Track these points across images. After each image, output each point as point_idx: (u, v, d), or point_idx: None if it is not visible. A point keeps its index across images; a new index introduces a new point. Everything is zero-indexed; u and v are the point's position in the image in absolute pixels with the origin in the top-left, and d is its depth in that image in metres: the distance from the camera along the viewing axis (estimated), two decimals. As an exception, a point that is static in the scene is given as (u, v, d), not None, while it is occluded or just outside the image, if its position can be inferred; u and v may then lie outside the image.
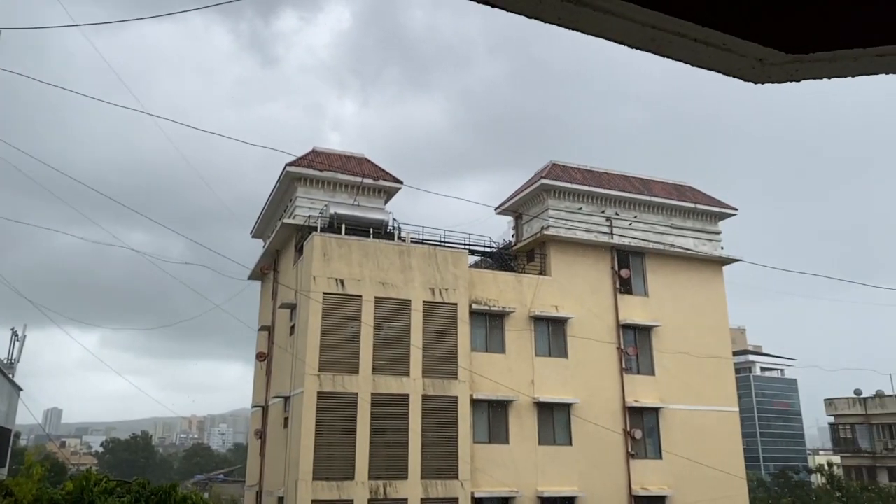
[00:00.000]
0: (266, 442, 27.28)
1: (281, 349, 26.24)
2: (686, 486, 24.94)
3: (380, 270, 23.33)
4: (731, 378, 27.89)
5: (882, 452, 43.87)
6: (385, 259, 23.55)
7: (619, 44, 1.57)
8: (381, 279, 23.24)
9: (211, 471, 78.45)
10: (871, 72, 1.73)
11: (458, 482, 22.14)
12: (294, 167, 24.83)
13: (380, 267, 23.38)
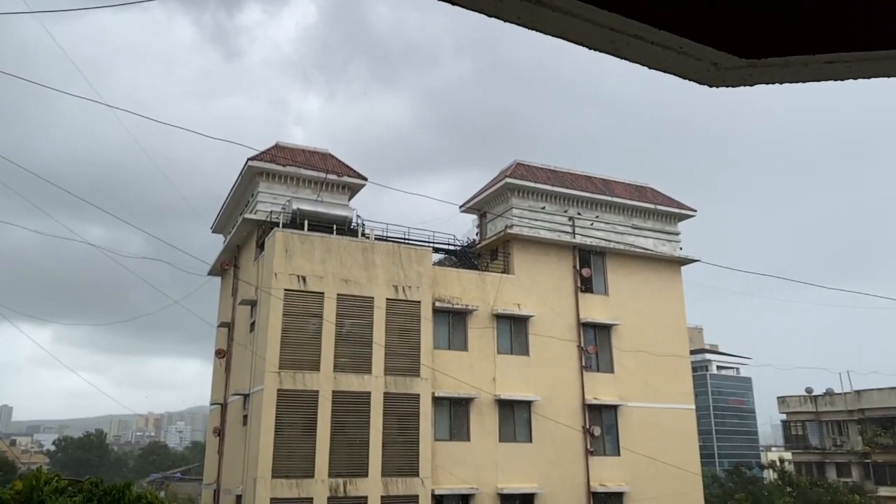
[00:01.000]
0: (225, 440, 26.91)
1: (241, 346, 25.90)
2: (643, 482, 25.37)
3: (343, 267, 23.19)
4: (688, 376, 28.46)
5: (831, 449, 45.25)
6: (348, 256, 23.42)
7: (578, 45, 1.59)
8: (343, 276, 23.10)
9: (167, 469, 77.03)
10: (820, 78, 1.78)
11: (419, 480, 22.15)
12: (256, 162, 24.52)
13: (343, 264, 23.23)
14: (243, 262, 27.51)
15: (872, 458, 41.65)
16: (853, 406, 44.24)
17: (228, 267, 29.10)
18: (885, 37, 1.61)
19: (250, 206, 25.49)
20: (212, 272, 30.53)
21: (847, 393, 45.38)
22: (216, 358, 29.26)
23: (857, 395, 44.41)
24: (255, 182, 25.04)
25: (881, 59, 1.68)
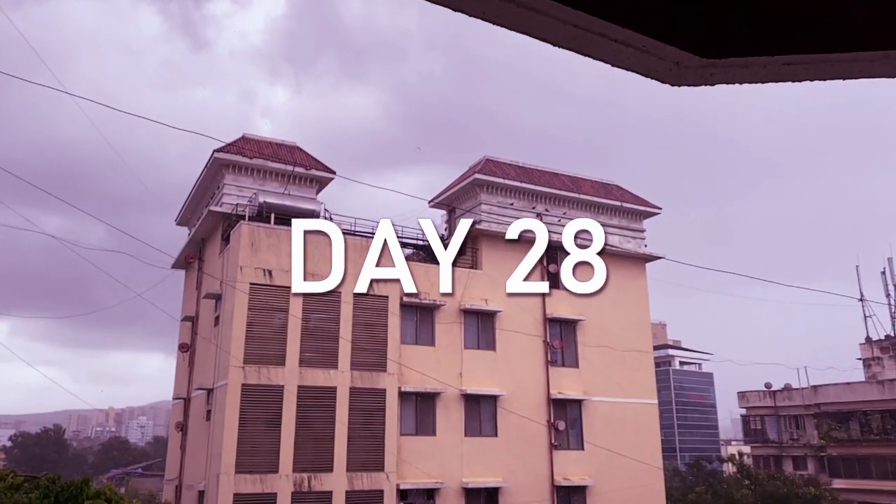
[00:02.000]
0: (187, 435, 26.55)
1: (205, 340, 25.55)
2: (606, 475, 25.72)
3: (309, 262, 22.96)
4: (651, 371, 28.90)
5: (788, 442, 46.40)
6: (315, 250, 23.21)
7: (543, 41, 1.60)
8: (310, 270, 22.89)
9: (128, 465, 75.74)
10: (779, 79, 1.81)
11: (384, 474, 22.14)
12: (222, 154, 24.18)
13: (309, 258, 22.99)
14: (208, 256, 27.13)
15: (827, 452, 42.83)
16: (810, 401, 45.40)
17: (193, 260, 28.68)
18: (841, 40, 1.65)
19: (216, 199, 25.14)
20: (176, 265, 30.05)
21: (804, 388, 46.56)
22: (179, 352, 28.84)
23: (814, 390, 45.59)
24: (221, 174, 24.70)
25: (837, 61, 1.72)
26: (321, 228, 8.64)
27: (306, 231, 23.64)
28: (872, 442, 40.98)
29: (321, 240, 24.46)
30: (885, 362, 45.23)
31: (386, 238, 7.48)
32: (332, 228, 7.44)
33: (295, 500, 20.92)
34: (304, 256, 23.03)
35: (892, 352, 45.28)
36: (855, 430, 42.41)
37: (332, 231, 7.52)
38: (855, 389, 43.70)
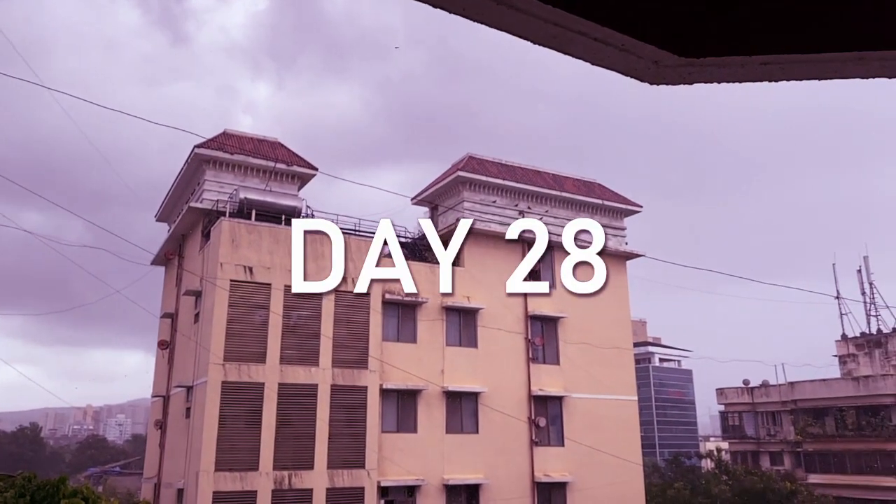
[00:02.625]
0: (166, 433, 26.32)
1: (184, 337, 25.33)
2: (586, 472, 25.89)
3: (291, 259, 22.89)
4: (631, 368, 29.13)
5: (765, 438, 47.01)
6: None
7: (523, 39, 1.61)
8: (291, 267, 22.81)
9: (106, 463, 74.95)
10: (756, 79, 1.84)
11: (365, 471, 22.11)
12: (203, 149, 23.97)
13: (291, 255, 22.93)
14: (188, 252, 26.90)
15: (803, 447, 43.45)
16: (787, 397, 46.01)
17: (173, 257, 28.41)
18: (816, 41, 1.67)
19: (196, 195, 24.92)
20: (155, 262, 29.76)
21: (781, 385, 47.16)
22: (159, 349, 28.57)
23: (791, 386, 46.20)
24: (202, 170, 24.48)
25: (812, 62, 1.75)
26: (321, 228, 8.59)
27: (290, 228, 23.61)
28: (847, 437, 41.63)
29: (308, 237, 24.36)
30: (860, 359, 45.95)
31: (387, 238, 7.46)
32: (332, 229, 7.39)
33: (275, 497, 20.84)
34: (291, 254, 22.93)
35: (867, 349, 46.01)
36: (830, 425, 43.05)
37: (332, 231, 7.47)
38: (831, 386, 44.36)
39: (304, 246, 23.24)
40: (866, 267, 48.14)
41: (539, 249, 7.37)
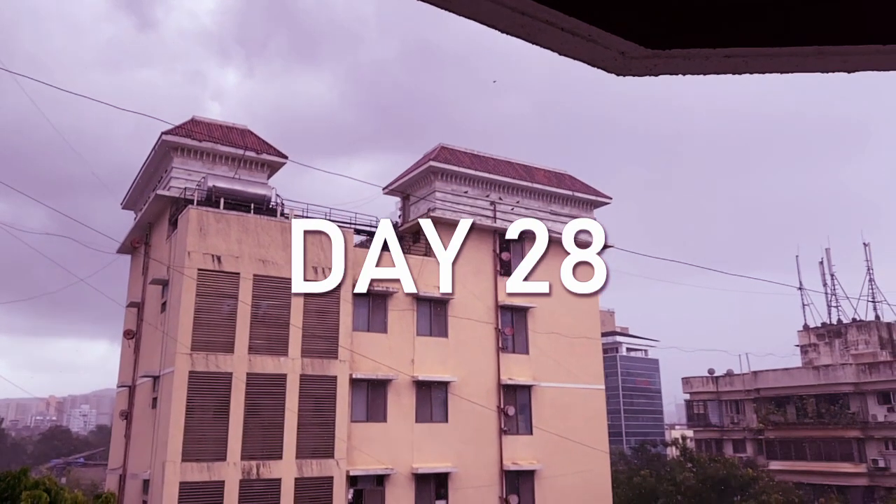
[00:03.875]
0: (132, 423, 25.97)
1: (151, 327, 24.98)
2: (554, 459, 26.20)
3: (260, 247, 22.69)
4: (599, 358, 29.49)
5: (729, 426, 48.01)
6: (266, 236, 22.92)
7: (492, 27, 1.61)
8: (261, 256, 22.61)
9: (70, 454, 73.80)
10: (720, 71, 1.87)
11: (334, 461, 22.10)
12: (171, 136, 23.58)
13: (260, 244, 22.73)
14: (155, 240, 26.48)
15: (765, 435, 44.49)
16: (750, 386, 47.00)
17: (139, 245, 27.95)
18: (778, 34, 1.71)
19: (163, 182, 24.52)
20: (121, 250, 29.24)
21: (745, 374, 48.16)
22: (125, 339, 28.14)
23: (754, 375, 47.20)
24: (169, 157, 24.09)
25: (773, 55, 1.78)
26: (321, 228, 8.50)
27: (259, 217, 23.39)
28: (807, 425, 42.73)
29: (274, 225, 24.24)
30: (821, 349, 47.14)
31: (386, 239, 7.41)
32: (332, 229, 7.31)
33: (243, 487, 20.73)
34: (257, 242, 22.72)
35: (827, 339, 47.21)
36: (791, 413, 44.14)
37: (332, 232, 7.40)
38: (792, 375, 45.45)
39: (257, 232, 23.08)
40: (828, 259, 49.34)
41: (539, 249, 7.34)
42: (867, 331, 45.53)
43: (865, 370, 41.56)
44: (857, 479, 39.54)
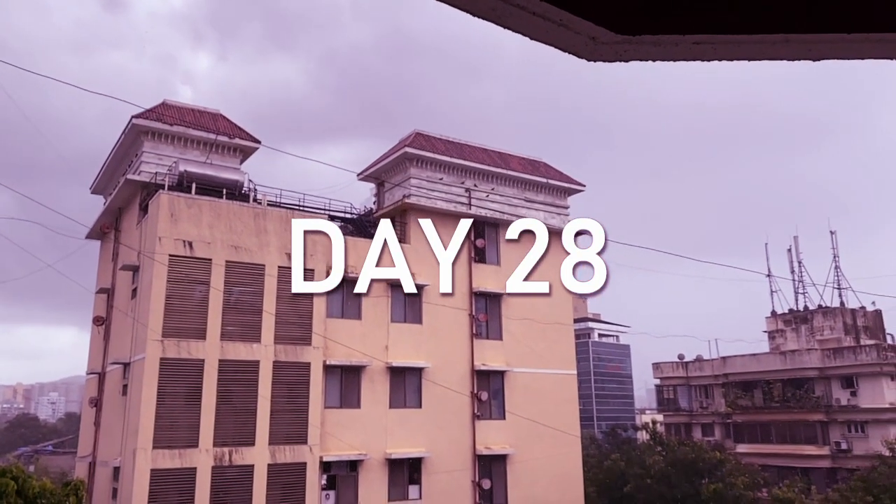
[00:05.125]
0: (102, 410, 25.67)
1: (121, 313, 24.64)
2: (526, 444, 26.47)
3: (232, 233, 22.46)
4: (571, 343, 29.78)
5: (698, 410, 48.89)
6: (238, 222, 22.68)
7: (463, 10, 1.62)
8: (233, 242, 22.38)
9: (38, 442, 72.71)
10: (689, 58, 1.89)
11: (307, 447, 22.08)
12: (141, 120, 23.16)
13: (232, 230, 22.49)
14: (125, 226, 26.06)
15: (733, 419, 45.41)
16: (719, 371, 47.84)
17: (109, 230, 27.49)
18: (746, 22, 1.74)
19: (134, 167, 24.11)
20: (90, 235, 28.74)
21: (714, 359, 49.02)
22: (94, 325, 27.71)
23: (723, 361, 48.06)
24: (140, 141, 23.68)
25: (742, 42, 1.81)
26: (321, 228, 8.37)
27: (232, 202, 23.13)
28: (773, 409, 43.71)
29: (246, 211, 24.01)
30: (788, 334, 48.11)
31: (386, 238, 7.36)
32: (332, 229, 7.24)
33: (215, 474, 20.63)
34: (230, 228, 22.48)
35: (794, 325, 48.20)
36: (758, 398, 45.08)
37: (332, 232, 7.32)
38: (760, 360, 46.37)
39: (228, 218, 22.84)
40: (796, 247, 50.25)
41: (539, 249, 7.31)
42: (832, 317, 46.56)
43: (830, 355, 42.56)
44: (821, 461, 40.60)
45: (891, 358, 41.06)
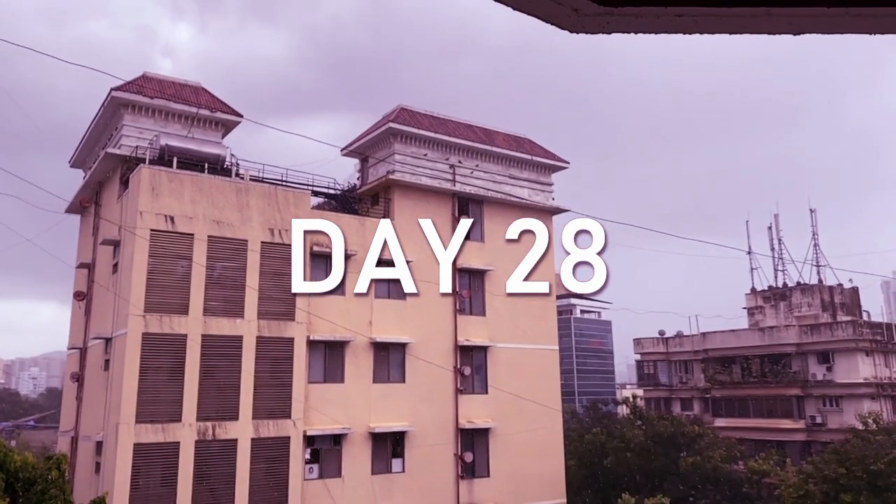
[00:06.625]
0: (84, 385, 25.56)
1: (102, 288, 24.45)
2: (508, 418, 26.78)
3: (214, 208, 22.28)
4: (553, 319, 30.02)
5: (677, 385, 49.61)
6: (221, 196, 22.49)
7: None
8: (215, 217, 22.21)
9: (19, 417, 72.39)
10: (671, 30, 1.90)
11: (291, 421, 22.18)
12: (121, 92, 22.78)
13: (215, 205, 22.31)
14: (105, 200, 25.75)
15: (711, 394, 46.15)
16: (698, 347, 48.49)
17: (89, 204, 27.14)
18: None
19: (114, 140, 23.76)
20: (70, 209, 28.37)
21: (694, 335, 49.65)
22: (75, 300, 27.49)
23: (703, 336, 48.70)
24: (120, 114, 23.31)
25: (723, 15, 1.83)
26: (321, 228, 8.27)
27: (214, 177, 22.90)
28: (751, 384, 44.46)
29: (229, 186, 23.79)
30: (767, 311, 48.79)
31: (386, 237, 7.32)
32: (332, 229, 7.16)
33: (199, 448, 20.69)
34: (212, 203, 22.28)
35: (773, 301, 48.87)
36: (737, 373, 45.81)
37: (332, 232, 7.24)
38: (739, 336, 47.03)
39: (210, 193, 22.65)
40: (776, 224, 50.75)
41: (540, 248, 7.30)
42: (810, 294, 47.24)
43: (807, 331, 43.27)
44: (796, 435, 41.46)
45: (866, 334, 41.83)
